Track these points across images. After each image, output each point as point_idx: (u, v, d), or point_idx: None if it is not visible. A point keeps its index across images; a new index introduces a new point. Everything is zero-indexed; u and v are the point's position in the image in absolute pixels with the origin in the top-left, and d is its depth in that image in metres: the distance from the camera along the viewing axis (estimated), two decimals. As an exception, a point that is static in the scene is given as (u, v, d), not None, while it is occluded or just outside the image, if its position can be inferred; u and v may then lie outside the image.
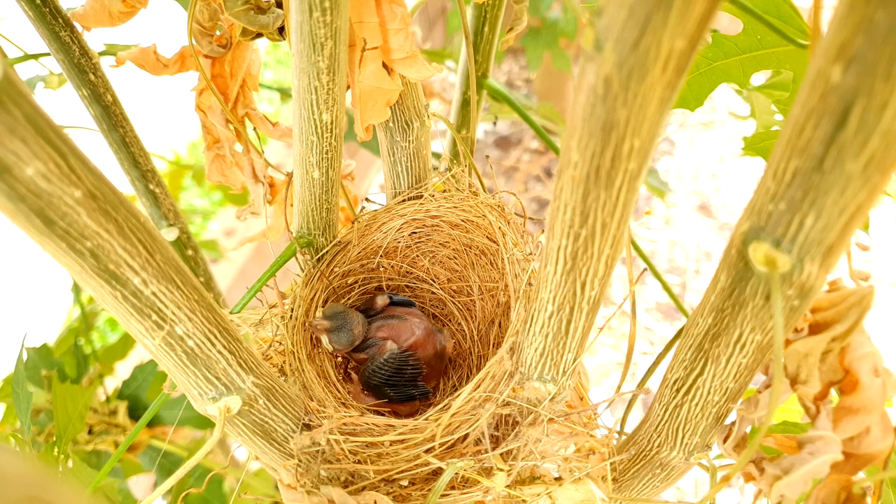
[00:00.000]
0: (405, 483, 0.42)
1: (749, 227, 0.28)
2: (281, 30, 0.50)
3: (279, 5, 0.49)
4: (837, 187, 0.24)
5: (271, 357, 0.49)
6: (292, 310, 0.52)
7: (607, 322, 0.47)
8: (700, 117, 2.69)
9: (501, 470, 0.41)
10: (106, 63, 0.63)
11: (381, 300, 0.59)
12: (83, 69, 0.61)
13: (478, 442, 0.42)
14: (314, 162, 0.46)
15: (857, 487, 0.34)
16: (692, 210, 2.37)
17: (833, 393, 0.34)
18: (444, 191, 0.58)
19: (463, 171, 0.57)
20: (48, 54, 0.61)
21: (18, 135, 0.23)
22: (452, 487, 0.41)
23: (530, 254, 0.51)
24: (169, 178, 1.31)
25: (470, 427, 0.41)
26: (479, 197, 0.56)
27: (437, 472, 0.42)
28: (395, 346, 0.55)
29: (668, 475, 0.43)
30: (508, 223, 0.54)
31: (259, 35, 0.50)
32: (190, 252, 0.79)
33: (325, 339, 0.53)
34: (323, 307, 0.56)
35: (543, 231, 0.48)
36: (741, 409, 0.37)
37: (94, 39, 0.63)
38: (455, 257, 0.61)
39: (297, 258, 0.54)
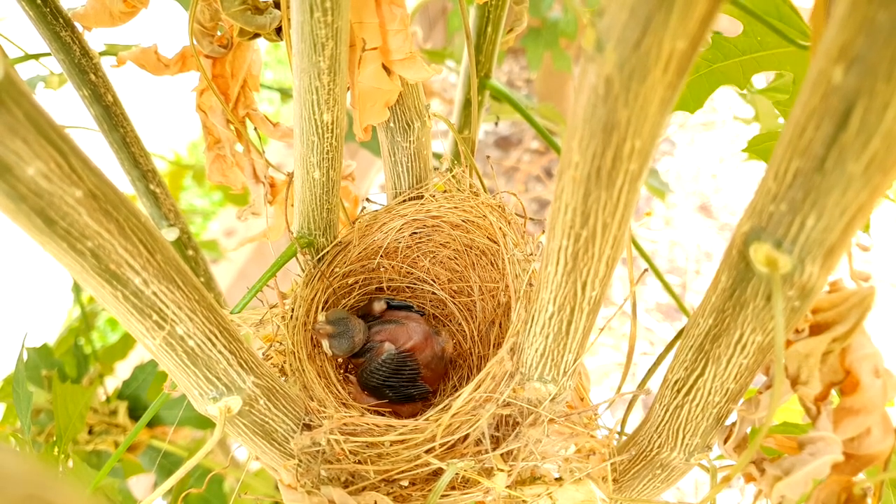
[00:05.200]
0: (405, 483, 0.42)
1: (750, 228, 0.28)
2: (278, 30, 0.50)
3: (277, 6, 0.49)
4: (839, 188, 0.24)
5: (272, 357, 0.49)
6: (293, 310, 0.52)
7: (608, 323, 0.47)
8: (700, 118, 2.69)
9: (502, 470, 0.41)
10: (107, 63, 0.63)
11: (379, 306, 0.59)
12: (84, 69, 0.61)
13: (478, 442, 0.42)
14: (315, 162, 0.46)
15: (857, 488, 0.34)
16: (692, 211, 2.37)
17: (834, 394, 0.34)
18: (445, 191, 0.58)
19: (464, 172, 0.57)
20: (49, 54, 0.61)
21: (19, 134, 0.23)
22: (453, 488, 0.41)
23: (531, 254, 0.51)
24: (169, 178, 1.31)
25: (470, 427, 0.41)
26: (479, 197, 0.56)
27: (438, 473, 0.42)
28: (393, 346, 0.55)
29: (669, 476, 0.43)
30: (509, 223, 0.54)
31: (257, 35, 0.50)
32: (190, 252, 0.79)
33: (325, 343, 0.53)
34: (324, 308, 0.56)
35: (544, 231, 0.48)
36: (742, 409, 0.37)
37: (95, 39, 0.63)
38: (456, 258, 0.61)
39: (297, 258, 0.54)
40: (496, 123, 0.94)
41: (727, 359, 0.34)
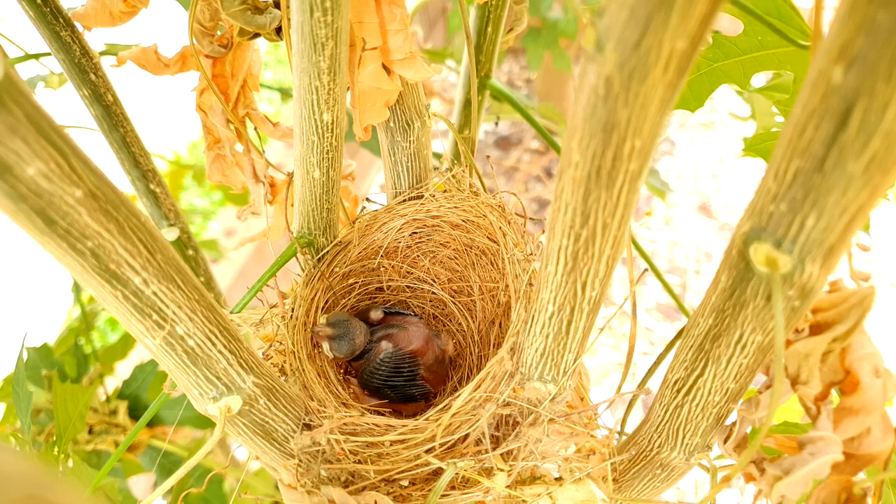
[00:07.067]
0: (405, 483, 0.42)
1: (750, 228, 0.28)
2: (278, 30, 0.50)
3: (277, 6, 0.49)
4: (839, 188, 0.24)
5: (272, 357, 0.49)
6: (293, 310, 0.52)
7: (608, 322, 0.47)
8: (700, 118, 2.69)
9: (502, 470, 0.41)
10: (107, 63, 0.63)
11: (375, 315, 0.59)
12: (84, 69, 0.61)
13: (478, 442, 0.42)
14: (315, 162, 0.46)
15: (857, 488, 0.34)
16: (692, 210, 2.37)
17: (834, 393, 0.34)
18: (445, 191, 0.58)
19: (464, 172, 0.57)
20: (49, 54, 0.61)
21: (20, 134, 0.23)
22: (453, 487, 0.41)
23: (531, 254, 0.51)
24: (169, 178, 1.31)
25: (470, 427, 0.41)
26: (479, 197, 0.56)
27: (438, 473, 0.42)
28: (390, 345, 0.55)
29: (669, 475, 0.43)
30: (509, 223, 0.54)
31: (257, 35, 0.50)
32: (190, 252, 0.79)
33: (325, 345, 0.53)
34: (324, 308, 0.56)
35: (544, 231, 0.48)
36: (742, 409, 0.37)
37: (95, 39, 0.63)
38: (456, 257, 0.61)
39: (297, 258, 0.54)
40: (496, 123, 0.94)
41: (727, 358, 0.34)
